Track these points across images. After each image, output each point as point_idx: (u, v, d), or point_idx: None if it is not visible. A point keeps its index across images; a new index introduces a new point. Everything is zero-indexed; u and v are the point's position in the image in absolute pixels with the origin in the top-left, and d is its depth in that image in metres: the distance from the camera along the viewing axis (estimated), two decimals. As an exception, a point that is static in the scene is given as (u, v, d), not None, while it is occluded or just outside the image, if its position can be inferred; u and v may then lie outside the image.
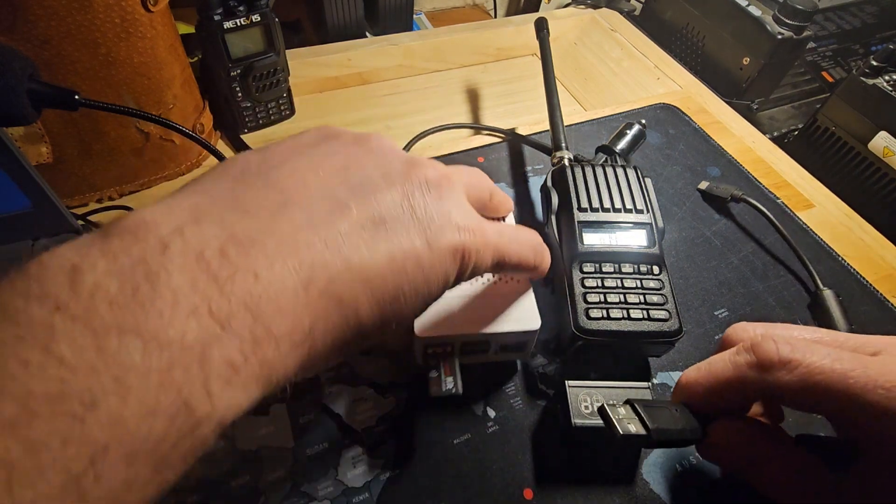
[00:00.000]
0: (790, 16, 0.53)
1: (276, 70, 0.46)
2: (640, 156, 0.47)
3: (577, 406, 0.27)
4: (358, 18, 0.61)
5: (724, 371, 0.23)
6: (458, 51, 0.61)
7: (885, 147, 0.47)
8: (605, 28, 0.65)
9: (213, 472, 0.27)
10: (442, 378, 0.26)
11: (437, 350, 0.27)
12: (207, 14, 0.40)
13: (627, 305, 0.30)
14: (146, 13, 0.35)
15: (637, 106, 0.53)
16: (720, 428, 0.24)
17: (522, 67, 0.63)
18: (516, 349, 0.29)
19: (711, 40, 0.61)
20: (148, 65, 0.36)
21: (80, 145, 0.37)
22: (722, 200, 0.43)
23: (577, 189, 0.35)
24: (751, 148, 0.50)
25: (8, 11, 0.30)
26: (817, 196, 0.47)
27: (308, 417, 0.29)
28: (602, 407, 0.24)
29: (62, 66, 0.33)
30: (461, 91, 0.58)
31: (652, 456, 0.29)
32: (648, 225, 0.34)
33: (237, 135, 0.48)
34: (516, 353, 0.30)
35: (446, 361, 0.27)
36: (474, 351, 0.28)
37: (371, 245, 0.17)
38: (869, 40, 0.69)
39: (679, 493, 0.28)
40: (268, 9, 0.42)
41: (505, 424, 0.30)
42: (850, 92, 0.49)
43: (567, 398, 0.27)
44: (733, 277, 0.39)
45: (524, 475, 0.28)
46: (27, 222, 0.32)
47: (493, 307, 0.28)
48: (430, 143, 0.49)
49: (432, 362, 0.27)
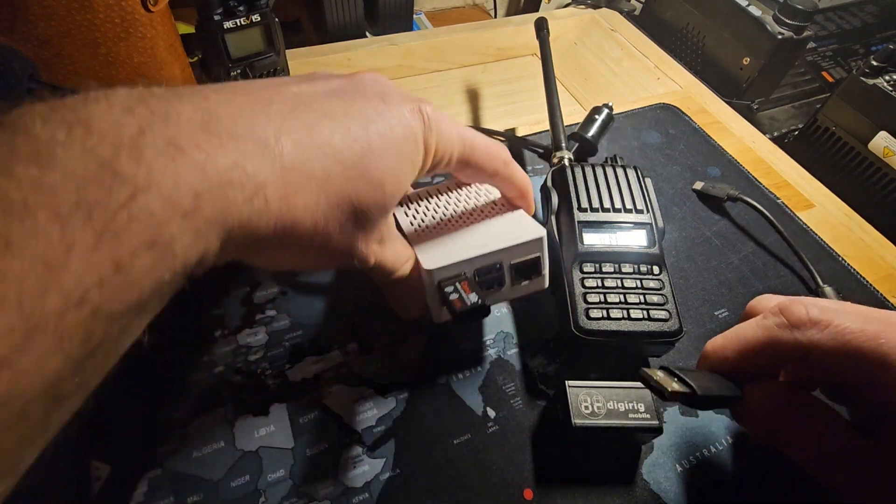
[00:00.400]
0: (790, 16, 0.53)
1: (276, 70, 0.46)
2: (640, 156, 0.47)
3: (577, 406, 0.27)
4: (358, 18, 0.61)
5: (753, 334, 0.23)
6: (458, 51, 0.61)
7: (885, 147, 0.47)
8: (605, 28, 0.65)
9: (214, 472, 0.27)
10: (462, 295, 0.24)
11: (446, 283, 0.25)
12: (207, 14, 0.40)
13: (627, 305, 0.30)
14: (146, 13, 0.35)
15: (637, 106, 0.53)
16: (758, 388, 0.24)
17: (522, 67, 0.63)
18: (530, 271, 0.28)
19: (711, 40, 0.61)
20: (148, 65, 0.36)
21: (80, 145, 0.37)
22: (718, 200, 0.43)
23: (576, 189, 0.35)
24: (751, 148, 0.50)
25: (8, 11, 0.30)
26: (817, 196, 0.47)
27: (308, 417, 0.29)
28: (642, 371, 0.23)
29: (62, 66, 0.33)
30: (461, 91, 0.58)
31: (652, 456, 0.29)
32: (648, 225, 0.34)
33: (237, 135, 0.47)
34: (532, 278, 0.28)
35: (463, 281, 0.25)
36: (490, 282, 0.27)
37: (337, 124, 0.21)
38: (869, 40, 0.69)
39: (679, 493, 0.28)
40: (268, 9, 0.42)
41: (505, 424, 0.30)
42: (851, 92, 0.49)
43: (567, 398, 0.27)
44: (733, 277, 0.39)
45: (524, 475, 0.28)
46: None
47: (494, 233, 0.27)
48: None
49: (440, 295, 0.25)
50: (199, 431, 0.28)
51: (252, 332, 0.32)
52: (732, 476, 0.29)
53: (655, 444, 0.30)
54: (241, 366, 0.31)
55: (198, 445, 0.28)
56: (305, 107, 0.20)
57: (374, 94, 0.23)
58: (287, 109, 0.20)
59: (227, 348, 0.32)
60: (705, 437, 0.30)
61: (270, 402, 0.30)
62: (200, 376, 0.30)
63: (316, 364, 0.31)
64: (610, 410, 0.27)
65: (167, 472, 0.27)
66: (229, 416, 0.29)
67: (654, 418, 0.27)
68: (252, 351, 0.32)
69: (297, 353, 0.32)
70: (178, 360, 0.31)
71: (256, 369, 0.31)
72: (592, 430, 0.27)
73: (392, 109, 0.22)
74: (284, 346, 0.32)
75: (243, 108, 0.19)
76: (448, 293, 0.24)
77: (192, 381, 0.30)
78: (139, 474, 0.27)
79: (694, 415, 0.31)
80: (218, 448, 0.28)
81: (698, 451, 0.30)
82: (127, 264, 0.14)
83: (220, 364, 0.31)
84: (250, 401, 0.30)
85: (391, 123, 0.22)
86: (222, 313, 0.33)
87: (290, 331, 0.33)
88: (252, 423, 0.29)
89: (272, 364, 0.31)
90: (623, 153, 0.47)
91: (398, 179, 0.22)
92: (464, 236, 0.28)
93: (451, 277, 0.25)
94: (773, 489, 0.29)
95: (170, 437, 0.28)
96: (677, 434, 0.30)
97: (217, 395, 0.30)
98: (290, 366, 0.31)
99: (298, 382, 0.31)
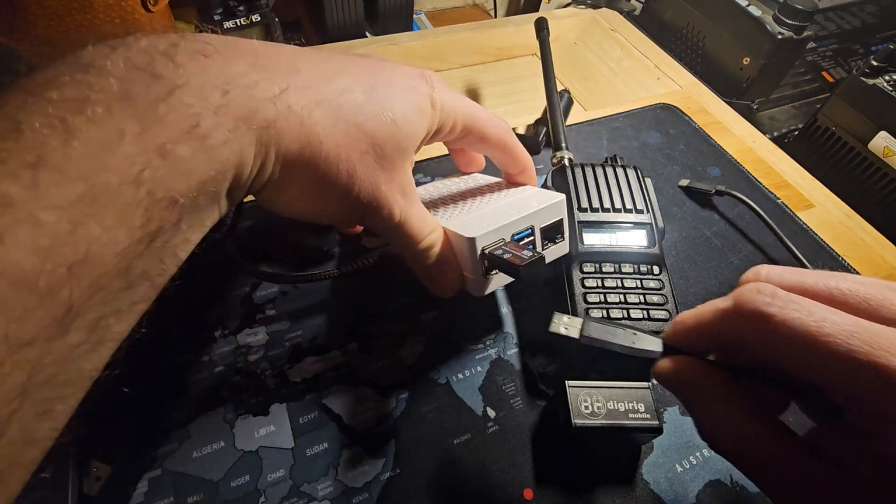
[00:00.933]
0: (790, 16, 0.53)
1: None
2: (640, 155, 0.47)
3: (577, 406, 0.27)
4: (358, 18, 0.61)
5: (706, 314, 0.21)
6: (458, 51, 0.61)
7: (885, 147, 0.47)
8: (605, 28, 0.65)
9: (214, 472, 0.27)
10: (515, 254, 0.25)
11: (491, 248, 0.26)
12: (207, 14, 0.40)
13: (627, 305, 0.30)
14: (146, 13, 0.35)
15: (637, 106, 0.53)
16: (679, 359, 0.21)
17: (522, 67, 0.63)
18: (555, 233, 0.29)
19: (711, 40, 0.61)
20: (148, 65, 0.36)
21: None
22: (705, 194, 0.43)
23: (577, 189, 0.35)
24: (751, 148, 0.50)
25: (8, 11, 0.30)
26: (817, 196, 0.47)
27: (308, 417, 0.29)
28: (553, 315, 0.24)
29: (62, 66, 0.33)
30: (461, 91, 0.58)
31: (652, 456, 0.29)
32: (648, 225, 0.34)
33: (237, 135, 0.47)
34: (557, 241, 0.29)
35: (509, 243, 0.26)
36: (524, 245, 0.27)
37: (346, 69, 0.24)
38: (869, 40, 0.69)
39: (679, 493, 0.28)
40: (268, 9, 0.42)
41: (505, 424, 0.30)
42: (851, 92, 0.49)
43: (567, 398, 0.27)
44: (733, 277, 0.39)
45: (524, 475, 0.28)
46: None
47: (516, 203, 0.29)
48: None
49: (489, 262, 0.26)
50: (199, 431, 0.28)
51: (252, 332, 0.32)
52: (732, 476, 0.29)
53: (655, 444, 0.30)
54: (241, 366, 0.31)
55: (198, 445, 0.28)
56: (320, 58, 0.23)
57: (380, 60, 0.26)
58: (303, 53, 0.23)
59: (227, 348, 0.32)
60: (705, 437, 0.30)
61: (270, 402, 0.30)
62: (200, 376, 0.30)
63: (316, 364, 0.31)
64: (610, 410, 0.27)
65: (167, 472, 0.27)
66: (229, 416, 0.29)
67: (653, 418, 0.27)
68: (252, 351, 0.32)
69: (297, 353, 0.32)
70: (179, 360, 0.31)
71: (256, 369, 0.31)
72: (592, 429, 0.27)
73: (397, 67, 0.26)
74: (284, 346, 0.32)
75: (264, 44, 0.22)
76: (500, 255, 0.25)
77: (192, 381, 0.30)
78: (139, 474, 0.27)
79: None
80: (218, 448, 0.28)
81: (698, 451, 0.30)
82: (171, 151, 0.17)
83: (220, 364, 0.31)
84: (250, 401, 0.30)
85: (397, 75, 0.25)
86: (222, 313, 0.33)
87: (290, 331, 0.33)
88: (252, 423, 0.29)
89: (272, 364, 0.31)
90: (623, 153, 0.47)
91: (408, 119, 0.24)
92: (488, 210, 0.29)
93: (493, 244, 0.26)
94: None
95: (170, 437, 0.28)
96: (677, 434, 0.30)
97: (217, 395, 0.30)
98: (290, 366, 0.31)
99: (298, 382, 0.31)
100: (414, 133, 0.25)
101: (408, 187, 0.26)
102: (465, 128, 0.28)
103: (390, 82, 0.24)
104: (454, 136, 0.28)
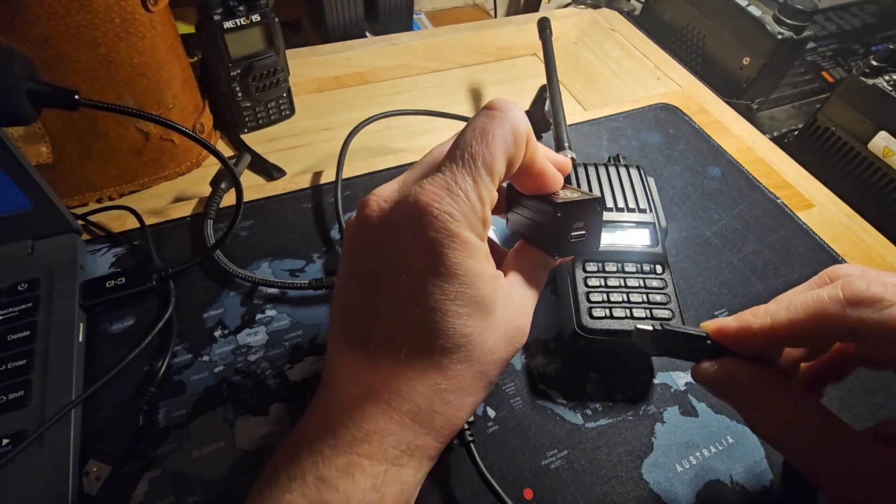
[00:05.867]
0: (790, 16, 0.53)
1: (276, 70, 0.46)
2: (640, 155, 0.47)
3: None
4: (358, 18, 0.61)
5: (803, 303, 0.21)
6: (458, 51, 0.61)
7: (885, 147, 0.47)
8: (606, 28, 0.65)
9: (214, 472, 0.27)
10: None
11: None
12: (207, 14, 0.40)
13: (630, 304, 0.30)
14: (146, 13, 0.35)
15: (637, 106, 0.53)
16: (728, 362, 0.22)
17: (523, 67, 0.63)
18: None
19: (711, 40, 0.61)
20: (148, 65, 0.36)
21: (80, 145, 0.37)
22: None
23: (579, 188, 0.35)
24: (751, 148, 0.50)
25: (7, 11, 0.30)
26: (817, 196, 0.47)
27: (308, 417, 0.29)
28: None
29: (62, 66, 0.33)
30: (461, 91, 0.58)
31: (652, 456, 0.29)
32: (651, 224, 0.34)
33: (237, 134, 0.47)
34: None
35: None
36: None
37: None
38: (869, 40, 0.69)
39: (679, 493, 0.28)
40: (268, 9, 0.42)
41: (505, 424, 0.30)
42: (851, 92, 0.49)
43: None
44: (733, 277, 0.39)
45: (524, 475, 0.28)
46: (27, 222, 0.32)
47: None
48: (430, 141, 0.49)
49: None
50: (199, 431, 0.28)
51: (252, 332, 0.32)
52: (732, 476, 0.29)
53: (655, 444, 0.30)
54: (241, 366, 0.31)
55: (198, 445, 0.28)
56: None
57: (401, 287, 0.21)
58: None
59: (227, 348, 0.32)
60: (705, 437, 0.30)
61: (270, 402, 0.30)
62: (200, 376, 0.30)
63: (316, 364, 0.31)
64: None
65: (167, 472, 0.27)
66: (229, 416, 0.29)
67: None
68: (252, 351, 0.32)
69: (297, 353, 0.32)
70: (179, 360, 0.31)
71: (256, 369, 0.31)
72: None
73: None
74: (284, 346, 0.32)
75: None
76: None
77: (192, 381, 0.30)
78: (139, 474, 0.27)
79: (694, 414, 0.31)
80: (218, 448, 0.28)
81: (698, 450, 0.30)
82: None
83: (220, 364, 0.31)
84: (250, 401, 0.30)
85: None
86: (222, 313, 0.33)
87: (290, 331, 0.33)
88: (252, 423, 0.29)
89: (272, 364, 0.31)
90: (623, 153, 0.47)
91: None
92: None
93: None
94: (773, 489, 0.29)
95: (170, 437, 0.28)
96: (677, 434, 0.30)
97: (217, 395, 0.30)
98: (290, 366, 0.31)
99: (298, 382, 0.31)
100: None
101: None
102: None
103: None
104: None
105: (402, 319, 0.20)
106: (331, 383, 0.21)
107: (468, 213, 0.20)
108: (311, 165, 0.47)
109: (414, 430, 0.20)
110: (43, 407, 0.27)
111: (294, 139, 0.50)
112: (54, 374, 0.28)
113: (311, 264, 0.36)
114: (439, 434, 0.20)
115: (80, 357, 0.30)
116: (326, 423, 0.20)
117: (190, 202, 0.40)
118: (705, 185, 0.45)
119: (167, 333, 0.32)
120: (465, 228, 0.20)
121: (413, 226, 0.19)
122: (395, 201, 0.21)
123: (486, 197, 0.20)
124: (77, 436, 0.27)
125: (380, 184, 0.22)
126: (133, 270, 0.34)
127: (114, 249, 0.36)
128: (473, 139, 0.20)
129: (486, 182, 0.20)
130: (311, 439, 0.19)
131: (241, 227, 0.38)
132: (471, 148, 0.20)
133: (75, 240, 0.34)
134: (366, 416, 0.19)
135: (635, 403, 0.31)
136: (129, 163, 0.40)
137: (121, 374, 0.29)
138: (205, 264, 0.35)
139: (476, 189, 0.20)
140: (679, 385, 0.32)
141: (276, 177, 0.44)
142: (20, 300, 0.31)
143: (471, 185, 0.20)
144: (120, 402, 0.29)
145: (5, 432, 0.26)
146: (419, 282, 0.20)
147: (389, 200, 0.21)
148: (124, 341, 0.31)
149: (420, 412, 0.20)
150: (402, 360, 0.20)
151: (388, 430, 0.19)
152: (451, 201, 0.19)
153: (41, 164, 0.36)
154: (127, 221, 0.38)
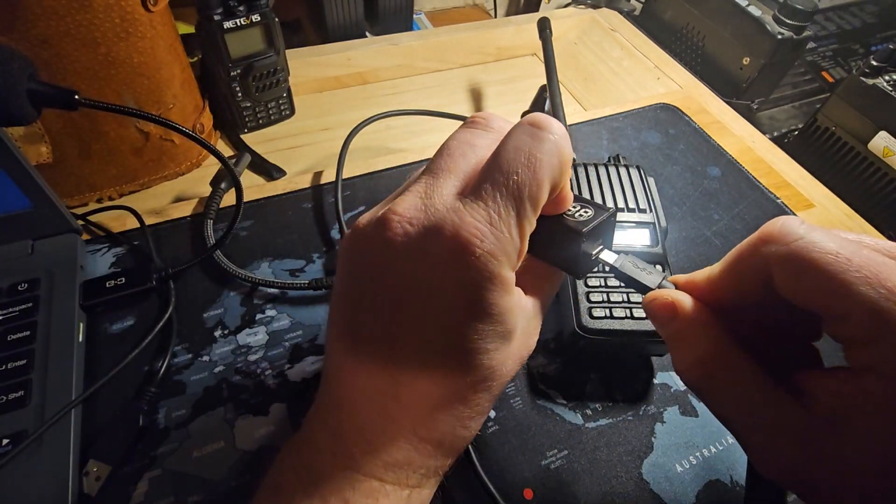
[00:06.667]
0: (790, 16, 0.53)
1: (276, 70, 0.46)
2: (640, 155, 0.47)
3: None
4: (358, 18, 0.61)
5: (733, 250, 0.20)
6: (458, 51, 0.61)
7: (885, 147, 0.47)
8: (605, 28, 0.65)
9: (214, 472, 0.27)
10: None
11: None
12: (207, 14, 0.40)
13: (630, 305, 0.30)
14: (146, 13, 0.35)
15: (637, 106, 0.53)
16: (664, 292, 0.21)
17: (523, 67, 0.63)
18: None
19: (711, 40, 0.61)
20: (148, 65, 0.36)
21: (80, 145, 0.37)
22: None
23: (579, 188, 0.35)
24: (751, 148, 0.50)
25: (7, 11, 0.30)
26: (817, 196, 0.47)
27: (308, 417, 0.29)
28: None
29: (62, 66, 0.33)
30: (461, 91, 0.58)
31: (652, 456, 0.29)
32: (651, 224, 0.34)
33: (237, 134, 0.47)
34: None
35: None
36: None
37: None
38: (869, 40, 0.69)
39: (679, 493, 0.28)
40: (268, 9, 0.42)
41: (505, 424, 0.30)
42: (850, 92, 0.49)
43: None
44: (734, 277, 0.39)
45: (524, 475, 0.28)
46: (27, 222, 0.32)
47: None
48: (430, 141, 0.49)
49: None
50: (199, 431, 0.28)
51: (252, 332, 0.32)
52: (732, 476, 0.29)
53: (655, 443, 0.30)
54: (241, 366, 0.31)
55: (198, 445, 0.28)
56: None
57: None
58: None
59: (227, 348, 0.32)
60: (705, 437, 0.30)
61: (270, 402, 0.30)
62: (200, 376, 0.30)
63: (316, 364, 0.31)
64: None
65: (167, 472, 0.27)
66: (229, 416, 0.29)
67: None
68: (252, 351, 0.32)
69: (297, 353, 0.32)
70: (179, 360, 0.31)
71: (256, 369, 0.31)
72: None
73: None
74: (284, 346, 0.32)
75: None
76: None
77: (192, 381, 0.30)
78: (139, 474, 0.27)
79: (694, 414, 0.31)
80: (218, 448, 0.28)
81: (698, 450, 0.30)
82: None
83: (220, 364, 0.31)
84: (250, 401, 0.30)
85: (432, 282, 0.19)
86: (222, 313, 0.33)
87: (290, 331, 0.33)
88: (252, 423, 0.29)
89: (272, 364, 0.31)
90: (623, 153, 0.47)
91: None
92: None
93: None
94: (773, 489, 0.29)
95: (170, 437, 0.28)
96: (677, 434, 0.30)
97: (217, 395, 0.30)
98: (290, 366, 0.31)
99: (298, 382, 0.31)
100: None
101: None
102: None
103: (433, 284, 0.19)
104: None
105: (429, 353, 0.19)
106: (342, 405, 0.20)
107: (510, 251, 0.18)
108: (311, 165, 0.47)
109: (436, 456, 0.20)
110: (43, 407, 0.27)
111: (294, 139, 0.50)
112: (54, 374, 0.28)
113: (311, 264, 0.36)
114: (456, 453, 0.21)
115: (80, 357, 0.30)
116: (346, 450, 0.20)
117: (190, 202, 0.40)
118: (705, 185, 0.45)
119: (167, 333, 0.32)
120: (506, 267, 0.18)
121: (450, 261, 0.18)
122: (425, 227, 0.18)
123: (527, 231, 0.19)
124: (77, 436, 0.27)
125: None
126: (133, 270, 0.34)
127: (114, 249, 0.36)
128: (520, 165, 0.18)
129: (530, 216, 0.18)
130: (330, 465, 0.19)
131: (241, 227, 0.38)
132: (517, 176, 0.18)
133: (75, 240, 0.34)
134: (391, 448, 0.19)
135: (635, 403, 0.31)
136: (129, 163, 0.40)
137: (121, 374, 0.29)
138: (205, 264, 0.35)
139: (519, 225, 0.18)
140: (679, 385, 0.32)
141: (276, 177, 0.44)
142: (20, 300, 0.31)
143: (514, 221, 0.18)
144: (120, 402, 0.29)
145: (5, 432, 0.26)
146: (452, 321, 0.18)
147: (416, 224, 0.18)
148: (124, 341, 0.31)
149: (443, 440, 0.20)
150: (427, 392, 0.20)
151: (412, 459, 0.20)
152: (494, 239, 0.17)
153: (41, 164, 0.36)
154: (127, 221, 0.38)
